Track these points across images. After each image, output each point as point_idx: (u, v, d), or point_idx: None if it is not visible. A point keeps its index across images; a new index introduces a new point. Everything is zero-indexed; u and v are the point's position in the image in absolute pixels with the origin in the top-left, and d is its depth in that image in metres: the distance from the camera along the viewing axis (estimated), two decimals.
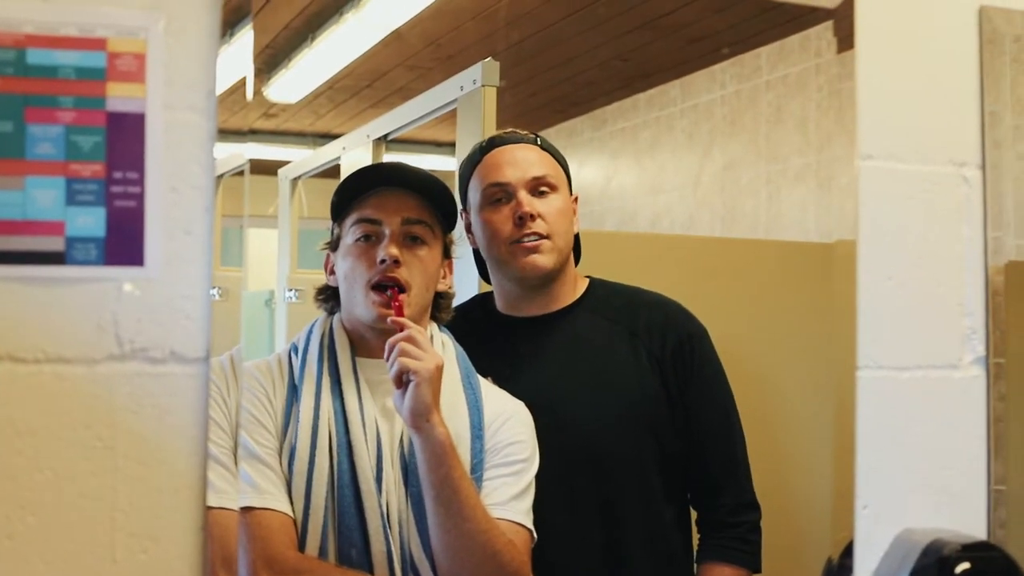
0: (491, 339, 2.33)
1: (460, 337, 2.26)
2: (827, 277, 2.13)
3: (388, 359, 1.87)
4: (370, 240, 2.01)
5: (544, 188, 2.25)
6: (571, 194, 2.34)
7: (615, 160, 6.89)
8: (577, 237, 2.37)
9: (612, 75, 6.22)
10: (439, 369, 1.88)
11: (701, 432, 2.27)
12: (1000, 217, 3.92)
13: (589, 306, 2.32)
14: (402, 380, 1.86)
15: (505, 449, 2.03)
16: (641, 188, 6.84)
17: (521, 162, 2.26)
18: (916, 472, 1.55)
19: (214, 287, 2.63)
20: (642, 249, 2.36)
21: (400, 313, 1.94)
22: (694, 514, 2.32)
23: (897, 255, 1.55)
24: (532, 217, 2.20)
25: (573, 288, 2.33)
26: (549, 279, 2.26)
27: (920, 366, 1.55)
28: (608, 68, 6.07)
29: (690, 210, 5.97)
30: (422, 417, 1.85)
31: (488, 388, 2.11)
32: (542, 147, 2.31)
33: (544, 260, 2.21)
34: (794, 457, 2.44)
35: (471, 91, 2.91)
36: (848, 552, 1.56)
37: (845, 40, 1.57)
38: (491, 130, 2.85)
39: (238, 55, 1.41)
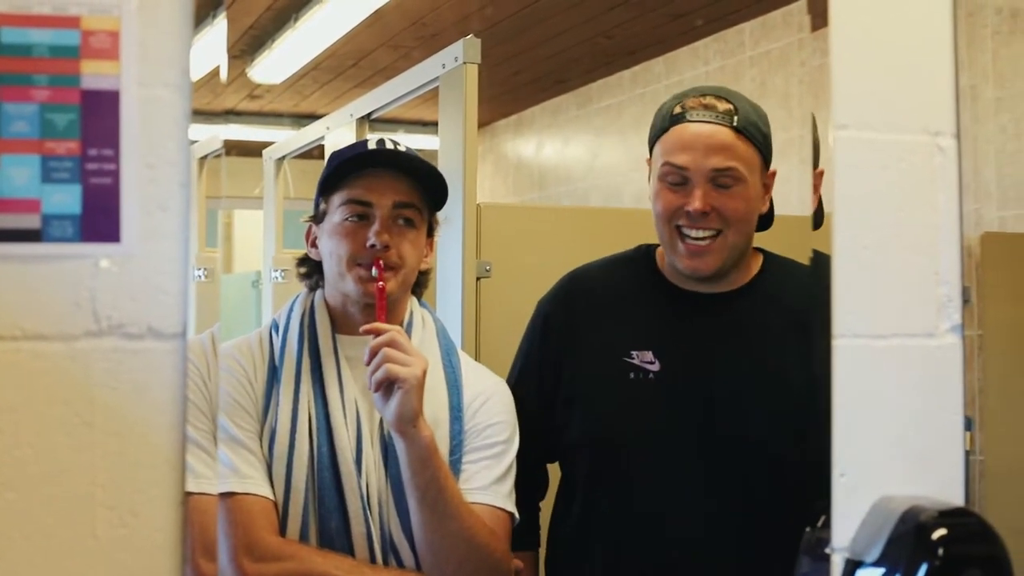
0: (655, 308, 2.25)
1: (620, 292, 2.25)
2: (805, 249, 2.14)
3: (369, 363, 1.87)
4: (360, 221, 2.01)
5: (728, 180, 2.11)
6: (767, 170, 2.20)
7: (600, 137, 6.89)
8: (771, 210, 2.25)
9: (596, 52, 6.23)
10: (425, 373, 1.88)
11: None
12: (981, 189, 3.92)
13: (763, 288, 2.24)
14: (382, 384, 1.86)
15: (485, 431, 2.04)
16: (626, 165, 6.85)
17: (708, 148, 2.10)
18: (893, 440, 1.56)
19: (199, 268, 2.63)
20: (627, 225, 2.36)
21: (383, 293, 1.95)
22: None
23: (872, 224, 1.55)
24: (704, 214, 2.09)
25: (747, 269, 2.24)
26: (716, 275, 2.17)
27: (896, 334, 1.56)
28: (592, 45, 6.08)
29: None
30: (409, 423, 1.85)
31: (468, 364, 2.11)
32: (737, 127, 2.12)
33: (709, 263, 2.13)
34: None
35: (453, 68, 2.91)
36: (826, 523, 1.57)
37: (819, 17, 1.57)
38: (473, 108, 2.85)
39: (220, 36, 1.42)
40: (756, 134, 2.15)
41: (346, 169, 2.04)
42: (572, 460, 2.25)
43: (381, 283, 1.95)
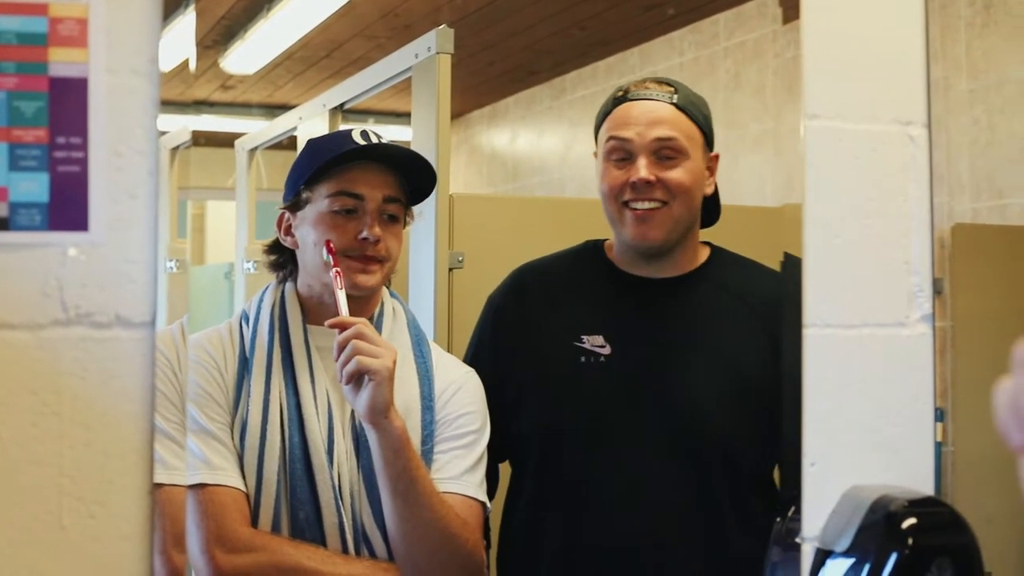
0: (605, 294, 2.29)
1: (570, 281, 2.28)
2: (777, 240, 2.15)
3: (338, 357, 1.86)
4: (350, 213, 2.00)
5: (670, 153, 2.16)
6: (710, 152, 2.25)
7: (575, 128, 6.89)
8: (716, 198, 2.30)
9: (570, 43, 6.23)
10: (395, 363, 1.88)
11: None
12: (955, 180, 3.93)
13: (710, 276, 2.27)
14: (353, 377, 1.86)
15: (456, 421, 2.04)
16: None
17: (650, 121, 2.17)
18: (864, 429, 1.56)
19: (171, 259, 2.62)
20: (601, 215, 2.36)
21: (340, 278, 1.94)
22: None
23: (844, 214, 1.55)
24: (648, 183, 2.14)
25: (695, 255, 2.28)
26: (664, 249, 2.21)
27: (867, 324, 1.56)
28: (566, 36, 6.07)
29: None
30: (381, 414, 1.85)
31: (438, 354, 2.11)
32: (678, 105, 2.20)
33: (657, 233, 2.17)
34: None
35: (426, 59, 2.91)
36: (796, 512, 1.57)
37: (791, 10, 1.57)
38: (446, 98, 2.85)
39: (189, 26, 1.41)
40: (697, 113, 2.21)
41: (336, 158, 2.03)
42: (524, 451, 2.26)
43: (337, 268, 1.95)
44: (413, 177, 2.07)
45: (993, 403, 0.77)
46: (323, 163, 2.00)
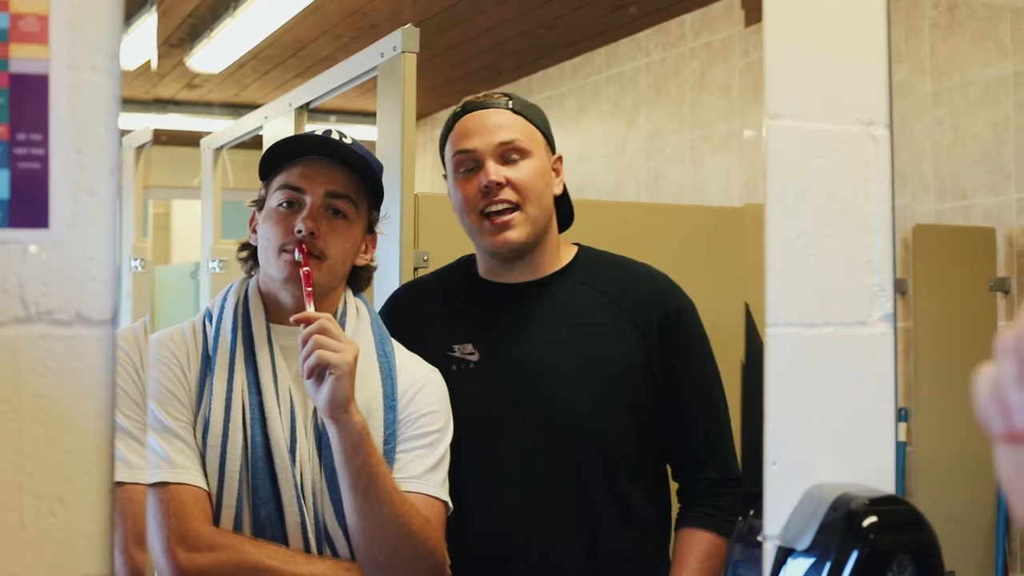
0: (472, 304, 2.32)
1: (443, 296, 2.32)
2: (739, 239, 2.15)
3: (302, 351, 1.86)
4: (292, 207, 2.01)
5: (515, 154, 2.21)
6: (553, 154, 2.31)
7: None
8: (567, 199, 2.35)
9: (537, 44, 6.22)
10: (356, 359, 1.87)
11: (686, 407, 2.26)
12: (918, 182, 3.95)
13: (574, 275, 2.30)
14: (315, 371, 1.86)
15: (419, 420, 2.04)
16: (567, 156, 6.81)
17: (490, 128, 2.22)
18: (825, 428, 1.57)
19: (135, 258, 2.59)
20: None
21: (309, 278, 1.94)
22: (674, 487, 2.33)
23: (805, 213, 1.56)
24: (499, 185, 2.17)
25: (557, 256, 2.31)
26: (525, 251, 2.24)
27: (829, 323, 1.57)
28: (533, 36, 6.07)
29: (616, 177, 5.99)
30: (341, 408, 1.85)
31: (402, 354, 2.11)
32: (514, 110, 2.26)
33: (515, 235, 2.19)
34: None
35: (391, 58, 2.90)
36: (758, 511, 1.58)
37: (754, 12, 1.58)
38: (411, 97, 2.84)
39: (152, 25, 1.41)
40: (534, 116, 2.29)
41: (282, 154, 2.03)
42: None
43: (306, 268, 1.94)
44: (368, 177, 2.07)
45: (974, 391, 0.77)
46: (267, 154, 2.03)
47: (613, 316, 2.24)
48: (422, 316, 2.31)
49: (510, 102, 2.26)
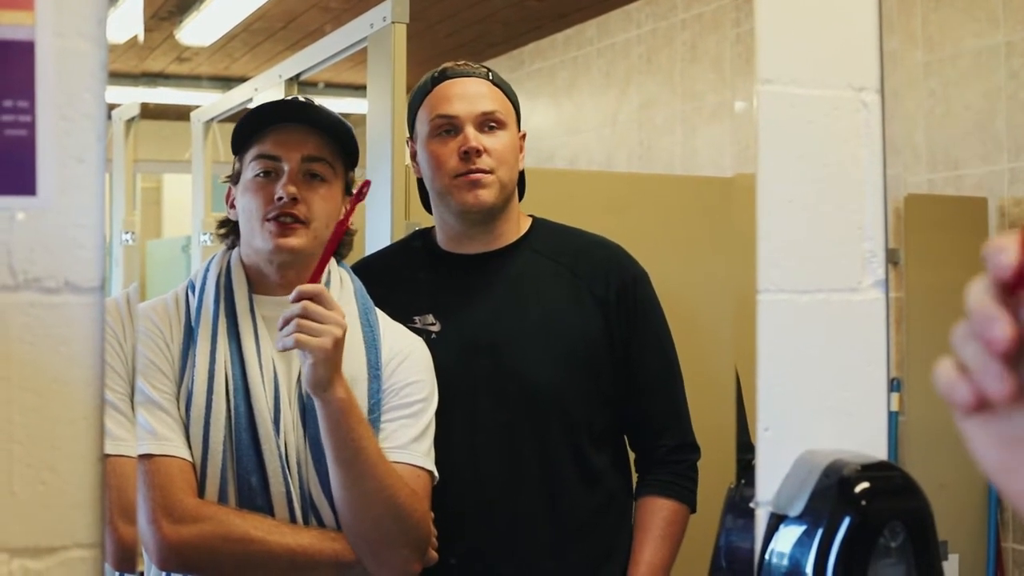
0: (432, 275, 2.35)
1: (397, 270, 2.32)
2: (729, 209, 2.15)
3: (281, 330, 1.85)
4: (269, 176, 2.00)
5: (492, 124, 2.25)
6: (519, 131, 2.35)
7: (532, 100, 6.88)
8: (522, 175, 2.38)
9: (528, 15, 6.21)
10: (340, 340, 1.85)
11: (643, 375, 2.30)
12: (910, 152, 3.95)
13: (532, 245, 2.33)
14: (288, 350, 1.86)
15: (403, 389, 2.03)
16: (559, 128, 6.84)
17: (471, 96, 2.26)
18: (817, 394, 1.57)
19: (126, 231, 2.58)
20: (557, 187, 2.36)
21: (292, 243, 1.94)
22: (632, 455, 2.36)
23: (796, 179, 1.56)
24: (478, 152, 2.20)
25: (516, 226, 2.34)
26: (492, 215, 2.27)
27: (820, 289, 1.57)
28: (524, 8, 6.05)
29: (607, 149, 5.98)
30: (320, 388, 1.85)
31: (386, 323, 2.11)
32: (494, 82, 2.31)
33: (487, 195, 2.22)
34: (699, 382, 2.46)
35: (381, 28, 2.89)
36: (751, 478, 1.58)
37: None
38: (401, 68, 2.83)
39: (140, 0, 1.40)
40: (509, 90, 2.34)
41: (254, 124, 2.03)
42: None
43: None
44: (341, 140, 2.07)
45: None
46: (239, 126, 2.02)
47: (571, 284, 2.28)
48: (379, 289, 2.27)
49: (490, 74, 2.31)
